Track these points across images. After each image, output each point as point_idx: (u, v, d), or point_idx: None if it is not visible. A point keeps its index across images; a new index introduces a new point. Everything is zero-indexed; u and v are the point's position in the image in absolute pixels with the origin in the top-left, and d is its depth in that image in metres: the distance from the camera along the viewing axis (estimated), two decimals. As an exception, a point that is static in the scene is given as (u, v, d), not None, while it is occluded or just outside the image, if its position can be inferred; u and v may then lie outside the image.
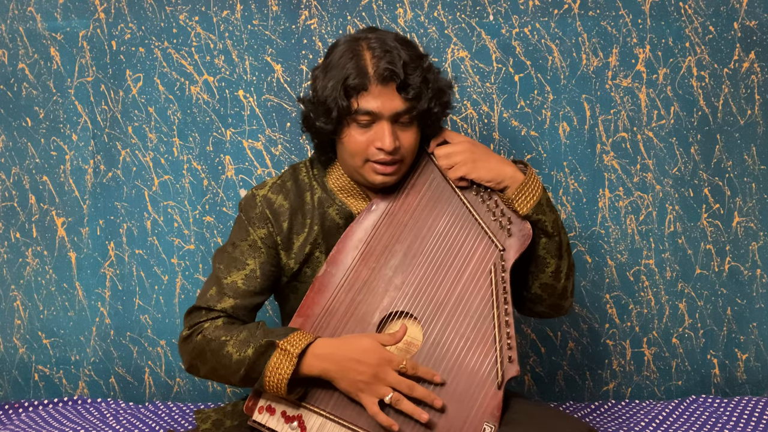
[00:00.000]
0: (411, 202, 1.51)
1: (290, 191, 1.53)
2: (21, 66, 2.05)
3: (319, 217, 1.52)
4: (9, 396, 2.09)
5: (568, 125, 2.02)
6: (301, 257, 1.51)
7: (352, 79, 1.40)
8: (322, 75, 1.45)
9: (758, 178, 2.04)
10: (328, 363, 1.35)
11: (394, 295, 1.44)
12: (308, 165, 1.58)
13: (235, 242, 1.51)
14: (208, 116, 2.03)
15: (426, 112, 1.45)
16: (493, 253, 1.45)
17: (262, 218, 1.51)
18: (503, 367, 1.36)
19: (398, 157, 1.44)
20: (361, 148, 1.43)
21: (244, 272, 1.48)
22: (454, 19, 2.00)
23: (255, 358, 1.36)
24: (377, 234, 1.49)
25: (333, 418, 1.37)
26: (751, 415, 1.83)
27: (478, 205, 1.49)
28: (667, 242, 2.04)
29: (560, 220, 1.51)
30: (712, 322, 2.06)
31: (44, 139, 2.05)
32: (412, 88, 1.41)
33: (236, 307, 1.46)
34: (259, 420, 1.40)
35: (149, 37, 2.02)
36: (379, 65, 1.40)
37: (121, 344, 2.07)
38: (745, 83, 2.02)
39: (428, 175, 1.52)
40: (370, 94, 1.40)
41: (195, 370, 1.47)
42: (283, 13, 2.01)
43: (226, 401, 2.06)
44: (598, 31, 2.01)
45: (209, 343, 1.41)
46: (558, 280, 1.52)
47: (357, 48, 1.43)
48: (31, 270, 2.07)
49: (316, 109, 1.45)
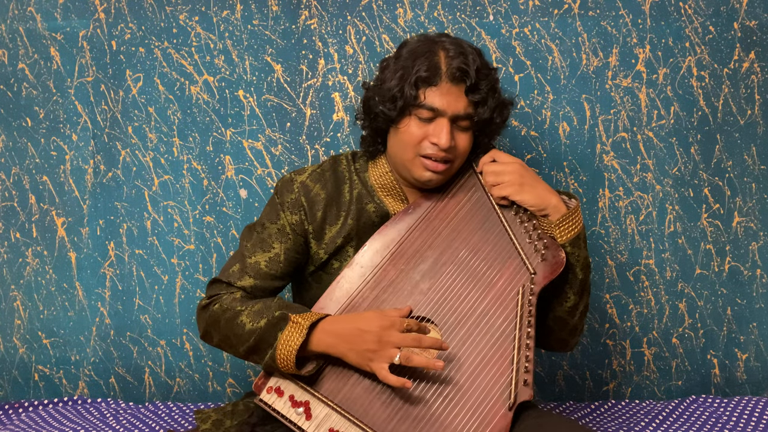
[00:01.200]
0: (449, 211, 1.51)
1: (328, 181, 1.55)
2: (21, 66, 2.05)
3: (356, 212, 1.53)
4: (9, 396, 2.09)
5: (568, 125, 2.02)
6: (331, 248, 1.53)
7: (424, 71, 1.41)
8: (393, 64, 1.47)
9: (758, 178, 2.04)
10: (335, 338, 1.36)
11: (418, 299, 1.43)
12: (350, 158, 1.59)
13: (265, 223, 1.54)
14: (208, 116, 2.03)
15: (487, 121, 1.47)
16: (524, 275, 1.44)
17: (297, 204, 1.52)
18: (517, 389, 1.35)
19: (450, 156, 1.45)
20: (416, 141, 1.44)
21: (268, 255, 1.51)
22: (454, 19, 2.00)
23: (266, 329, 1.38)
24: (411, 237, 1.49)
25: (339, 410, 1.36)
26: (751, 415, 1.83)
27: (515, 225, 1.48)
28: (667, 242, 2.04)
29: (589, 258, 1.51)
30: (712, 322, 2.06)
31: (44, 139, 2.05)
32: (480, 93, 1.43)
33: (255, 288, 1.50)
34: (266, 400, 1.40)
35: (149, 37, 2.02)
36: (452, 64, 1.42)
37: (121, 344, 2.07)
38: (745, 83, 2.02)
39: (470, 188, 1.53)
40: (438, 90, 1.42)
41: (209, 338, 1.50)
42: (283, 13, 2.01)
43: (226, 401, 2.06)
44: (598, 31, 2.01)
45: (225, 312, 1.44)
46: (572, 317, 1.52)
47: (432, 46, 1.46)
48: (31, 270, 2.07)
49: (382, 94, 1.46)
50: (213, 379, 2.07)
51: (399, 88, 1.43)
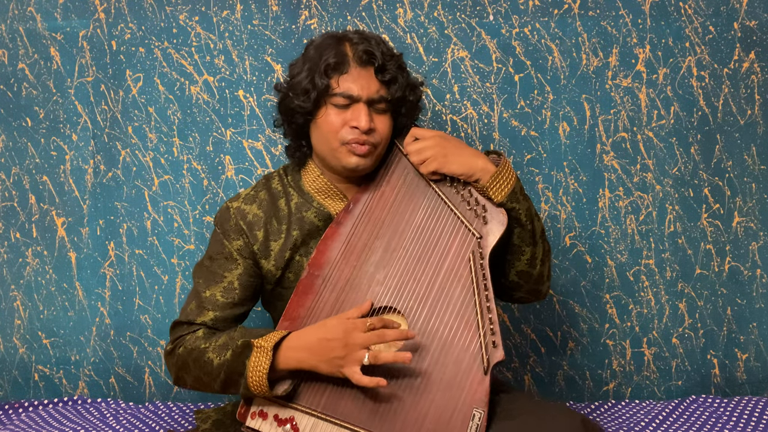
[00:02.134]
0: (387, 197, 1.53)
1: (263, 200, 1.56)
2: (21, 66, 2.05)
3: (298, 221, 1.53)
4: (9, 396, 2.09)
5: (568, 125, 2.02)
6: (282, 263, 1.53)
7: (332, 59, 1.44)
8: (301, 62, 1.51)
9: (758, 178, 2.04)
10: (302, 352, 1.36)
11: (377, 290, 1.46)
12: (281, 173, 1.61)
13: (212, 256, 1.54)
14: (208, 116, 2.03)
15: (401, 99, 1.50)
16: (471, 241, 1.47)
17: (237, 230, 1.52)
18: (488, 352, 1.38)
19: (372, 140, 1.47)
20: (336, 128, 1.46)
21: (222, 285, 1.50)
22: (454, 19, 2.00)
23: (233, 359, 1.38)
24: (356, 232, 1.51)
25: (324, 417, 1.38)
26: (751, 415, 1.83)
27: (452, 195, 1.51)
28: (667, 242, 2.04)
29: (533, 208, 1.53)
30: (712, 322, 2.06)
31: (44, 139, 2.05)
32: (389, 72, 1.47)
33: (216, 320, 1.49)
34: (252, 425, 1.42)
35: (149, 37, 2.02)
36: (358, 48, 1.46)
37: (121, 344, 2.07)
38: (745, 83, 2.02)
39: (402, 170, 1.55)
40: (350, 76, 1.45)
41: (182, 382, 1.50)
42: (283, 13, 2.01)
43: (226, 401, 2.06)
44: (598, 31, 2.01)
45: (191, 353, 1.44)
46: (533, 267, 1.54)
47: (337, 39, 1.49)
48: (31, 270, 2.07)
49: (294, 89, 1.48)
50: (213, 379, 2.07)
51: (309, 79, 1.46)
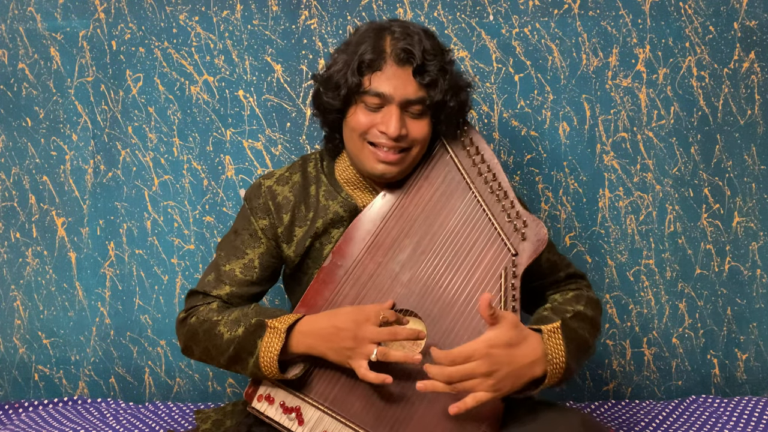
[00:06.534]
0: (423, 195, 1.43)
1: (296, 183, 1.51)
2: (21, 66, 2.05)
3: (324, 210, 1.49)
4: (9, 396, 2.09)
5: (568, 125, 2.02)
6: (301, 250, 1.50)
7: (367, 56, 1.34)
8: (341, 52, 1.41)
9: (758, 178, 2.04)
10: (314, 338, 1.34)
11: (399, 291, 1.38)
12: (318, 157, 1.55)
13: (238, 230, 1.52)
14: (208, 116, 2.03)
15: (440, 104, 1.38)
16: (506, 256, 1.38)
17: (265, 209, 1.50)
18: None
19: (404, 145, 1.38)
20: (363, 128, 1.37)
21: (242, 261, 1.49)
22: (454, 19, 2.00)
23: (245, 337, 1.36)
24: (386, 227, 1.42)
25: (331, 413, 1.36)
26: (751, 415, 1.83)
27: (493, 204, 1.41)
28: (667, 242, 2.04)
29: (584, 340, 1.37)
30: (712, 322, 2.06)
31: (44, 139, 2.05)
32: (429, 74, 1.35)
33: (232, 295, 1.47)
34: (258, 408, 1.40)
35: (149, 37, 2.02)
36: (397, 45, 1.35)
37: (121, 344, 2.07)
38: (745, 83, 2.02)
39: (443, 167, 1.44)
40: (383, 74, 1.35)
41: (189, 352, 1.47)
42: (283, 13, 2.01)
43: (226, 401, 2.06)
44: (598, 31, 2.00)
45: (202, 324, 1.42)
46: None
47: (380, 31, 1.39)
48: (31, 270, 2.07)
49: (327, 83, 1.40)
50: (213, 379, 2.07)
51: (342, 74, 1.35)
